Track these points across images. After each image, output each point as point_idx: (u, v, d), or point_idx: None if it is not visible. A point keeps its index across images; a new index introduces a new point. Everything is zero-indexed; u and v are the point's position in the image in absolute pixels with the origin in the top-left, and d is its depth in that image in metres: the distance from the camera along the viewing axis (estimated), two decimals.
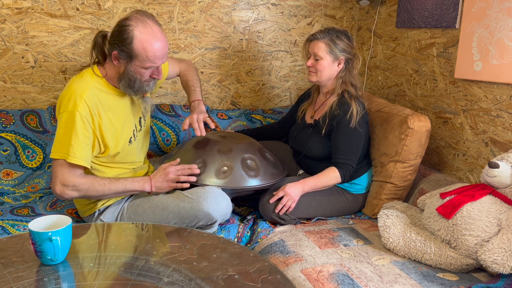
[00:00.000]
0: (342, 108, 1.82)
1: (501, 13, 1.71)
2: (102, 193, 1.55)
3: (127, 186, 1.59)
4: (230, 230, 1.76)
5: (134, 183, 1.61)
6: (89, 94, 1.51)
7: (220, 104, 2.57)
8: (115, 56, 1.51)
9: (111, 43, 1.52)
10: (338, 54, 1.84)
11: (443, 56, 2.05)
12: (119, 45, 1.49)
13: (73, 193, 1.51)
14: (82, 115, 1.48)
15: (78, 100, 1.48)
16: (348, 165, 1.80)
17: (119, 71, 1.55)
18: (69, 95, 1.50)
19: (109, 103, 1.58)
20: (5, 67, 2.14)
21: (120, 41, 1.48)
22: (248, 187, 1.72)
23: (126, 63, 1.52)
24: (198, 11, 2.37)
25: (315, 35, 1.86)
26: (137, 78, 1.55)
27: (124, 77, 1.55)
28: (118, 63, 1.53)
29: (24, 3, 2.10)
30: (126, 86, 1.56)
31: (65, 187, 1.49)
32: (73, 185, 1.50)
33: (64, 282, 1.04)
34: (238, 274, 1.09)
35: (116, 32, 1.50)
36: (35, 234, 1.07)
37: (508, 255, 1.28)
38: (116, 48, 1.50)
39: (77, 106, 1.48)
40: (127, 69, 1.52)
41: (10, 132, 2.01)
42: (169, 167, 1.65)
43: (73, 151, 1.47)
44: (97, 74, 1.57)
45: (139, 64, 1.51)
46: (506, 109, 1.74)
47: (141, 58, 1.49)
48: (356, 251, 1.55)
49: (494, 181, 1.46)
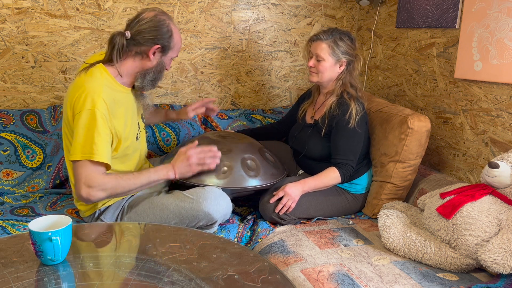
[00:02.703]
0: (341, 108, 1.82)
1: (501, 13, 1.71)
2: (128, 188, 1.53)
3: (151, 176, 1.57)
4: (230, 230, 1.76)
5: (157, 173, 1.59)
6: (105, 92, 1.51)
7: (220, 104, 2.57)
8: (155, 50, 1.57)
9: (149, 39, 1.55)
10: (340, 56, 1.83)
11: (443, 56, 2.05)
12: (160, 40, 1.56)
13: (100, 194, 1.47)
14: (102, 112, 1.47)
15: (96, 98, 1.47)
16: (348, 165, 1.80)
17: (144, 67, 1.60)
18: (85, 94, 1.48)
19: (120, 100, 1.58)
20: (5, 67, 2.14)
21: (160, 35, 1.56)
22: (248, 187, 1.72)
23: (161, 56, 1.60)
24: (198, 11, 2.37)
25: (318, 35, 1.84)
26: (163, 70, 1.64)
27: (152, 71, 1.61)
28: (153, 57, 1.58)
29: (24, 3, 2.10)
30: (149, 79, 1.62)
31: (91, 189, 1.46)
32: (99, 184, 1.46)
33: (64, 282, 1.04)
34: (238, 274, 1.09)
35: (154, 28, 1.55)
36: (35, 234, 1.07)
37: (508, 255, 1.28)
38: (158, 42, 1.56)
39: (96, 104, 1.47)
40: (161, 61, 1.61)
41: (10, 132, 2.01)
42: (189, 150, 1.64)
43: (97, 149, 1.45)
44: (108, 74, 1.57)
45: (171, 55, 1.63)
46: (506, 109, 1.74)
47: (175, 49, 1.63)
48: (356, 251, 1.55)
49: (494, 181, 1.46)
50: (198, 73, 2.47)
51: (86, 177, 1.45)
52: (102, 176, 1.48)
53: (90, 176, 1.46)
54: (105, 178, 1.49)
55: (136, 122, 1.70)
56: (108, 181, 1.49)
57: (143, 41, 1.56)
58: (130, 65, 1.59)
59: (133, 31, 1.56)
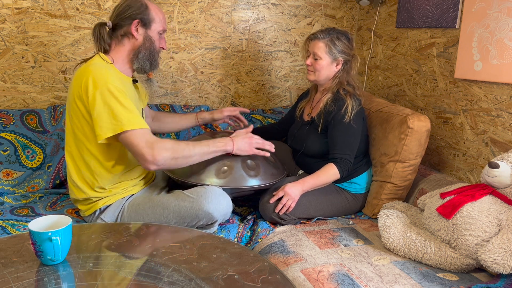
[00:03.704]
0: (337, 103, 1.83)
1: (501, 13, 1.71)
2: (188, 152, 1.53)
3: (210, 145, 1.59)
4: (230, 230, 1.76)
5: (216, 143, 1.61)
6: (111, 73, 1.52)
7: (220, 104, 2.57)
8: (136, 24, 1.59)
9: (126, 17, 1.59)
10: (336, 55, 1.86)
11: (443, 56, 2.05)
12: (136, 14, 1.59)
13: (165, 153, 1.46)
14: (115, 86, 1.47)
15: (105, 75, 1.48)
16: (346, 159, 1.80)
17: (134, 47, 1.62)
18: (92, 77, 1.48)
19: (124, 85, 1.58)
20: (5, 67, 2.14)
21: (135, 10, 1.59)
22: (248, 187, 1.73)
23: (145, 31, 1.61)
24: (198, 11, 2.37)
25: (315, 34, 1.87)
26: (154, 46, 1.64)
27: (143, 48, 1.62)
28: (137, 33, 1.60)
29: (24, 3, 2.10)
30: (144, 58, 1.62)
31: (153, 149, 1.45)
32: (157, 143, 1.46)
33: (64, 282, 1.04)
34: (238, 274, 1.09)
35: (127, 6, 1.60)
36: (35, 234, 1.07)
37: (508, 255, 1.28)
38: (135, 17, 1.59)
39: (108, 80, 1.47)
40: (147, 36, 1.61)
41: (10, 132, 2.01)
42: (250, 134, 1.70)
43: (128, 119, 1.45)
44: (107, 61, 1.59)
45: (156, 27, 1.63)
46: (506, 109, 1.74)
47: (157, 20, 1.63)
48: (356, 251, 1.55)
49: (494, 181, 1.46)
50: (198, 73, 2.47)
51: (142, 140, 1.45)
52: (156, 138, 1.49)
53: (145, 139, 1.46)
54: (160, 139, 1.50)
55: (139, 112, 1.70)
56: (165, 140, 1.51)
57: (122, 22, 1.60)
58: (122, 50, 1.62)
59: (112, 19, 1.62)
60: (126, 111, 1.47)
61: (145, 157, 1.46)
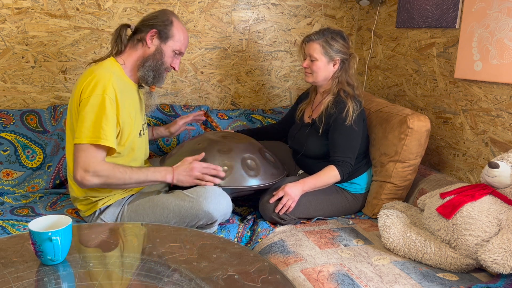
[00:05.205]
0: (338, 106, 1.83)
1: (501, 13, 1.71)
2: (123, 181, 1.54)
3: (149, 175, 1.58)
4: (230, 230, 1.76)
5: (155, 173, 1.60)
6: (114, 80, 1.54)
7: (220, 104, 2.57)
8: (153, 33, 1.62)
9: (148, 25, 1.63)
10: (333, 55, 1.85)
11: (443, 56, 2.05)
12: (158, 25, 1.63)
13: (94, 180, 1.49)
14: (111, 98, 1.50)
15: (106, 84, 1.51)
16: (346, 162, 1.81)
17: (144, 54, 1.64)
18: (94, 80, 1.51)
19: (127, 92, 1.62)
20: (5, 67, 2.14)
21: (159, 22, 1.63)
22: (248, 187, 1.73)
23: (159, 43, 1.64)
24: (198, 11, 2.37)
25: (310, 36, 1.88)
26: (164, 61, 1.65)
27: (151, 58, 1.64)
28: (150, 42, 1.63)
29: (24, 3, 2.10)
30: (149, 68, 1.64)
31: (87, 173, 1.48)
32: (95, 170, 1.48)
33: (64, 282, 1.04)
34: (238, 274, 1.09)
35: (154, 16, 1.65)
36: (35, 234, 1.07)
37: (508, 255, 1.28)
38: (154, 27, 1.62)
39: (106, 90, 1.50)
40: (159, 48, 1.64)
41: (10, 132, 2.01)
42: (195, 162, 1.64)
43: (105, 134, 1.48)
44: (117, 63, 1.62)
45: (172, 45, 1.65)
46: (506, 109, 1.74)
47: (176, 39, 1.65)
48: (356, 251, 1.55)
49: (494, 181, 1.46)
50: (198, 73, 2.47)
51: (85, 161, 1.48)
52: (100, 163, 1.50)
53: (89, 161, 1.48)
54: (103, 165, 1.50)
55: (140, 118, 1.72)
56: (105, 168, 1.50)
57: (143, 28, 1.64)
58: (133, 54, 1.65)
59: (138, 23, 1.67)
60: (107, 125, 1.49)
61: (75, 176, 1.49)
